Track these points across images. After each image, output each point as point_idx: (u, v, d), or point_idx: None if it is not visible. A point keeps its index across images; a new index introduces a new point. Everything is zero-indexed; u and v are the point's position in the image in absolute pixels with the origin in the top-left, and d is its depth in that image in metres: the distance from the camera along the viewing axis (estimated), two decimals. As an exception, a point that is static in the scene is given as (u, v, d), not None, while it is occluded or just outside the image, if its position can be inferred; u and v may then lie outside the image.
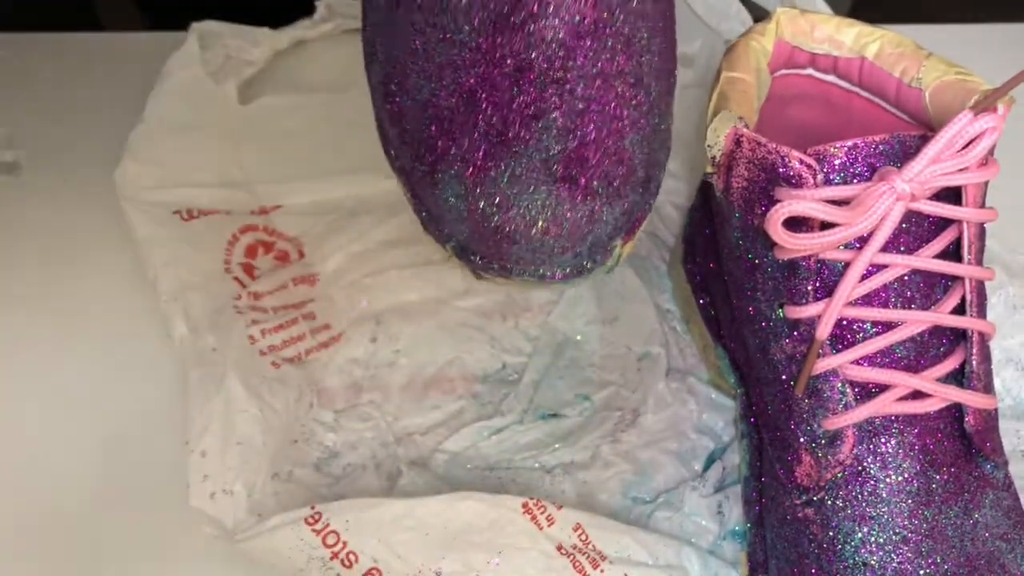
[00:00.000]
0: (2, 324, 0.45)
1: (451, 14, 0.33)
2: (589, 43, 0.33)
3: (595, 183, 0.33)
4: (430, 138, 0.34)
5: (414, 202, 0.37)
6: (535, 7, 0.32)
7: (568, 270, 0.36)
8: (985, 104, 0.31)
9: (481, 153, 0.33)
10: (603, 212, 0.34)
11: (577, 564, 0.37)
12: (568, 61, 0.32)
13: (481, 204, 0.34)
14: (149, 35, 0.60)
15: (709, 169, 0.36)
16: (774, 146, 0.33)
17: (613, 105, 0.33)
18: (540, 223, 0.34)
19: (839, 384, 0.34)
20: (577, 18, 0.32)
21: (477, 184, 0.34)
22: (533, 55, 0.32)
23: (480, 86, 0.33)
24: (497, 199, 0.33)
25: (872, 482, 0.34)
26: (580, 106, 0.33)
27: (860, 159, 0.33)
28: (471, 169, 0.34)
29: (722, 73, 0.38)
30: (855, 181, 0.33)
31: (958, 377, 0.35)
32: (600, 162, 0.33)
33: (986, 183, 0.34)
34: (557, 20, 0.32)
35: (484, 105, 0.33)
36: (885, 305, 0.34)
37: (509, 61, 0.33)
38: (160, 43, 0.52)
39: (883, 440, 0.34)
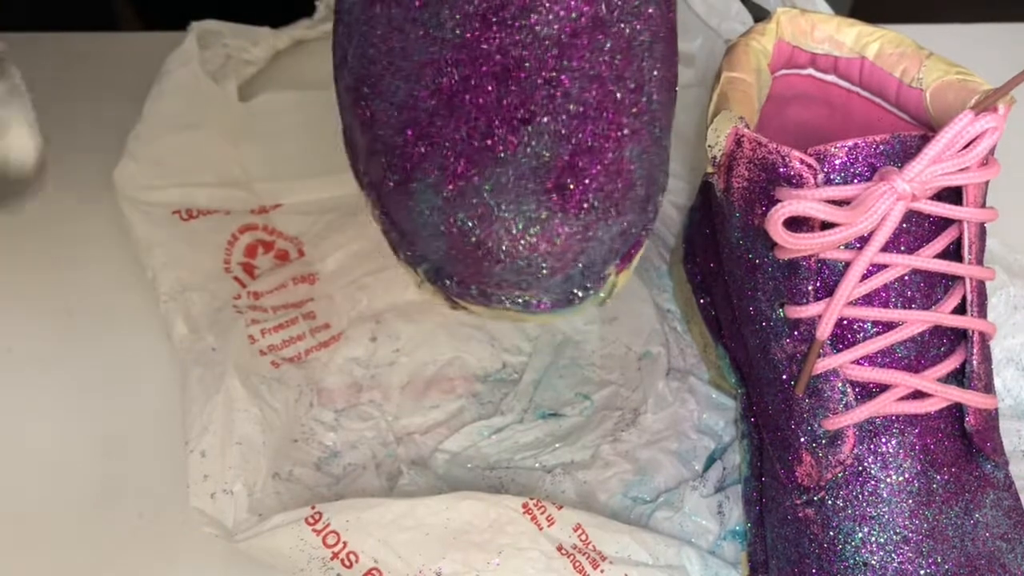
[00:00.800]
0: (2, 324, 0.45)
1: (434, 8, 0.31)
2: (586, 41, 0.30)
3: (591, 195, 0.30)
4: (405, 144, 0.31)
5: (383, 220, 0.33)
6: (530, 1, 0.29)
7: (556, 298, 0.32)
8: (986, 104, 0.31)
9: (462, 160, 0.30)
10: (599, 229, 0.31)
11: (577, 564, 0.37)
12: (562, 60, 0.30)
13: (460, 217, 0.30)
14: (148, 35, 0.60)
15: (709, 169, 0.36)
16: (774, 146, 0.33)
17: (612, 111, 0.31)
18: (528, 238, 0.30)
19: (839, 384, 0.34)
20: (574, 14, 0.30)
21: (457, 194, 0.30)
22: (524, 53, 0.30)
23: (463, 86, 0.30)
24: (479, 211, 0.30)
25: (872, 482, 0.34)
26: (575, 109, 0.30)
27: (860, 159, 0.33)
28: (450, 178, 0.30)
29: (722, 73, 0.38)
30: (855, 181, 0.33)
31: (959, 377, 0.35)
32: (596, 173, 0.30)
33: (987, 183, 0.34)
34: (551, 15, 0.30)
35: (467, 107, 0.30)
36: (885, 305, 0.34)
37: (497, 59, 0.30)
38: (160, 43, 0.52)
39: (883, 440, 0.34)
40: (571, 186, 0.30)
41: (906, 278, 0.34)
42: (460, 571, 0.37)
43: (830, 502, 0.34)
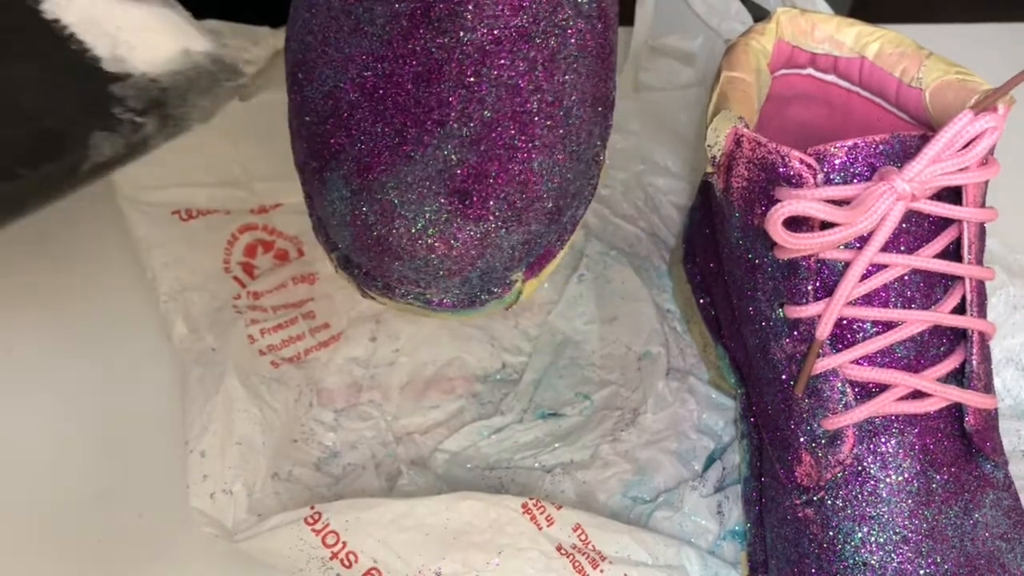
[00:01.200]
0: (2, 324, 0.45)
1: (368, 3, 0.31)
2: (508, 51, 0.31)
3: (492, 203, 0.30)
4: (325, 133, 0.32)
5: (307, 203, 0.34)
6: (457, 6, 0.30)
7: (457, 297, 0.32)
8: (985, 104, 0.31)
9: (374, 155, 0.31)
10: (498, 237, 0.31)
11: (577, 564, 0.37)
12: (482, 67, 0.30)
13: (365, 210, 0.31)
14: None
15: (709, 169, 0.36)
16: (774, 146, 0.33)
17: (525, 122, 0.31)
18: (426, 239, 0.30)
19: (839, 384, 0.34)
20: (500, 23, 0.30)
21: (364, 187, 0.31)
22: (446, 56, 0.30)
23: (385, 83, 0.31)
24: (383, 207, 0.30)
25: (872, 482, 0.34)
26: (487, 117, 0.30)
27: (860, 159, 0.33)
28: (360, 171, 0.31)
29: (722, 73, 0.38)
30: (855, 181, 0.33)
31: (958, 377, 0.35)
32: (501, 181, 0.31)
33: (986, 183, 0.34)
34: (477, 23, 0.30)
35: (386, 104, 0.31)
36: (885, 305, 0.34)
37: (420, 60, 0.30)
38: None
39: (883, 440, 0.34)
40: (473, 192, 0.30)
41: (906, 278, 0.34)
42: (460, 571, 0.37)
43: (830, 502, 0.34)
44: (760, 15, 0.50)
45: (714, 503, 0.41)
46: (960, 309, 0.34)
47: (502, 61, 0.31)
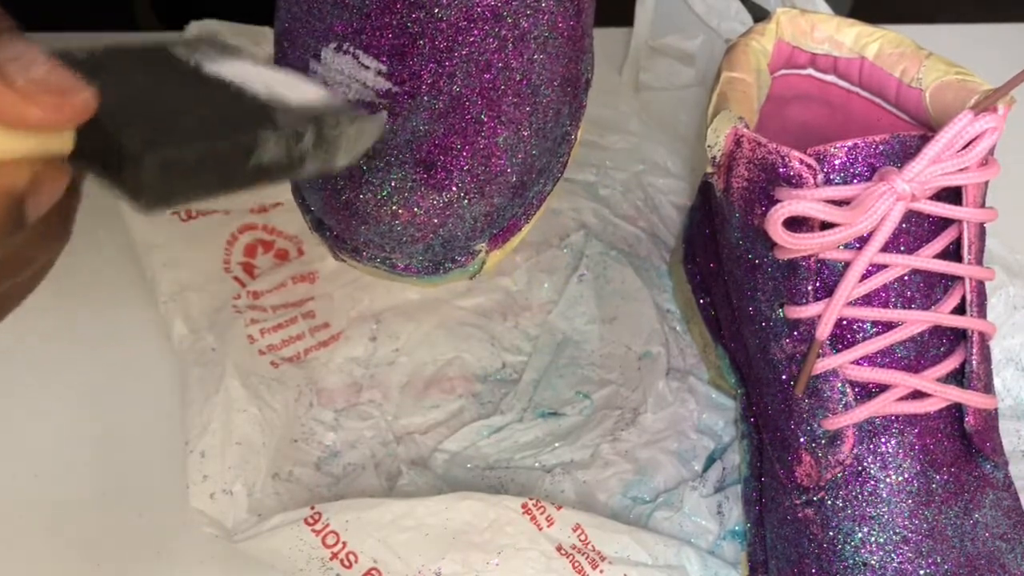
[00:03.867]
0: (2, 325, 0.45)
1: None
2: (480, 29, 0.32)
3: (456, 174, 0.32)
4: None
5: None
6: None
7: (421, 263, 0.34)
8: (985, 104, 0.31)
9: None
10: (460, 207, 0.32)
11: (576, 564, 0.37)
12: (455, 43, 0.32)
13: (326, 179, 0.33)
14: (148, 35, 0.60)
15: (709, 169, 0.36)
16: (774, 146, 0.33)
17: (492, 98, 0.32)
18: (391, 205, 0.32)
19: (839, 384, 0.34)
20: (475, 2, 0.32)
21: None
22: (420, 31, 0.32)
23: (360, 54, 0.32)
24: (351, 172, 0.32)
25: (872, 482, 0.34)
26: (457, 91, 0.32)
27: (860, 159, 0.33)
28: None
29: (722, 73, 0.38)
30: (855, 181, 0.33)
31: (958, 377, 0.35)
32: (466, 154, 0.32)
33: (986, 183, 0.34)
34: (453, 0, 0.32)
35: (356, 78, 0.32)
36: (885, 305, 0.34)
37: (395, 33, 0.32)
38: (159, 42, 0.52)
39: (883, 440, 0.34)
40: (438, 163, 0.32)
41: (906, 278, 0.34)
42: (459, 571, 0.37)
43: (829, 502, 0.34)
44: (760, 15, 0.50)
45: (714, 503, 0.41)
46: (960, 309, 0.34)
47: (473, 38, 0.32)
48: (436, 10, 0.32)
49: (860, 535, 0.34)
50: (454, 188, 0.32)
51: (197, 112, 0.24)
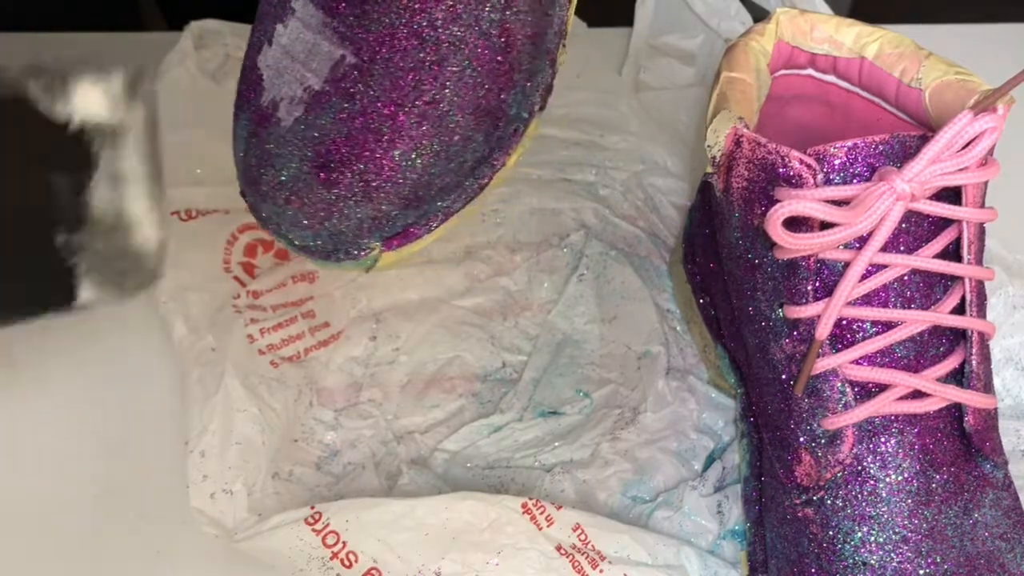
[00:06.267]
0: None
1: None
2: (401, 48, 0.35)
3: (347, 177, 0.35)
4: (247, 83, 0.38)
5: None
6: (363, 3, 0.34)
7: (315, 248, 0.37)
8: (985, 104, 0.31)
9: (270, 111, 0.36)
10: (347, 207, 0.35)
11: (576, 564, 0.37)
12: (376, 56, 0.35)
13: (253, 153, 0.36)
14: (148, 35, 0.60)
15: (709, 169, 0.36)
16: (774, 146, 0.33)
17: (398, 114, 0.35)
18: (285, 191, 0.36)
19: (839, 384, 0.34)
20: (403, 21, 0.34)
21: (253, 135, 0.37)
22: (347, 41, 0.35)
23: (292, 55, 0.36)
24: (263, 153, 0.36)
25: (872, 482, 0.34)
26: (367, 102, 0.35)
27: (860, 159, 0.33)
28: (257, 120, 0.37)
29: (722, 73, 0.38)
30: (855, 181, 0.33)
31: (958, 377, 0.35)
32: (361, 160, 0.35)
33: (986, 183, 0.34)
34: (382, 15, 0.34)
35: (292, 73, 0.36)
36: (885, 305, 0.34)
37: (327, 39, 0.35)
38: (159, 43, 0.52)
39: (883, 440, 0.34)
40: (333, 163, 0.35)
41: (905, 278, 0.34)
42: (459, 571, 0.37)
43: (829, 502, 0.34)
44: (760, 15, 0.50)
45: (714, 503, 0.41)
46: (960, 309, 0.34)
47: (395, 55, 0.35)
48: (366, 22, 0.34)
49: (860, 534, 0.34)
50: (342, 189, 0.35)
51: None
